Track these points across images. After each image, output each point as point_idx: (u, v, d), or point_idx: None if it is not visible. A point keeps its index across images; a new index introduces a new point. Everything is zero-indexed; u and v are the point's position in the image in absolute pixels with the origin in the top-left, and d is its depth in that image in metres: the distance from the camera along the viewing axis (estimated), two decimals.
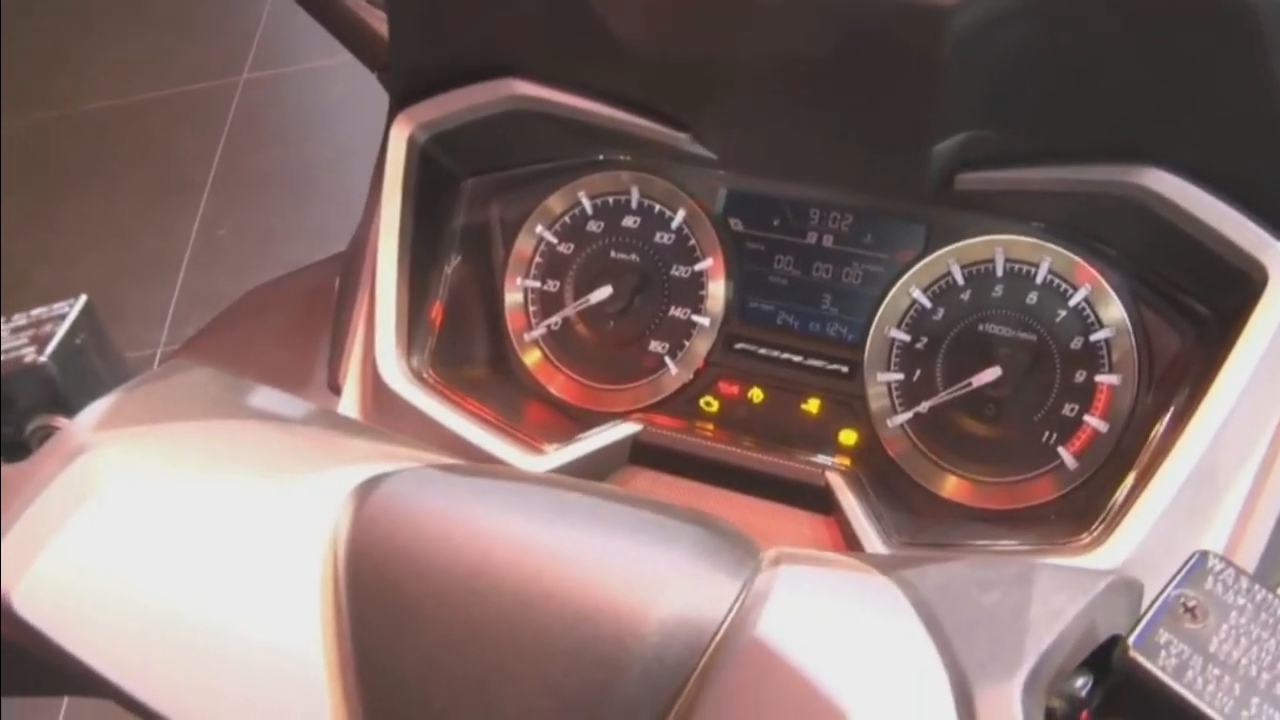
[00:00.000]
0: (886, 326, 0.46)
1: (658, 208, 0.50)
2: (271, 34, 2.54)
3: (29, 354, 0.35)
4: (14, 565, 0.29)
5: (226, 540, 0.30)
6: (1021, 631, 0.22)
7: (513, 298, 0.52)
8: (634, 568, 0.26)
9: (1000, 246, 0.45)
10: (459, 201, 0.52)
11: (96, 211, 2.04)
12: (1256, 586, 0.22)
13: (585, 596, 0.26)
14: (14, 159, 2.59)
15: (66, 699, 1.58)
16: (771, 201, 0.49)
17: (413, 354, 0.48)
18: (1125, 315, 0.43)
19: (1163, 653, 0.21)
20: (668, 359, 0.49)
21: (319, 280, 0.55)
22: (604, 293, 0.50)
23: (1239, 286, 0.39)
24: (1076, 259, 0.44)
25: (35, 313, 0.36)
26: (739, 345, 0.48)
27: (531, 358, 0.51)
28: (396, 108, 0.50)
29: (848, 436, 0.46)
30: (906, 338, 0.46)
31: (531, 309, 0.51)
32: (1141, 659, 0.21)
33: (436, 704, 0.27)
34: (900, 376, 0.46)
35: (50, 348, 0.35)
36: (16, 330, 0.36)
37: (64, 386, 0.35)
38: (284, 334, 0.54)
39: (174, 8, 2.84)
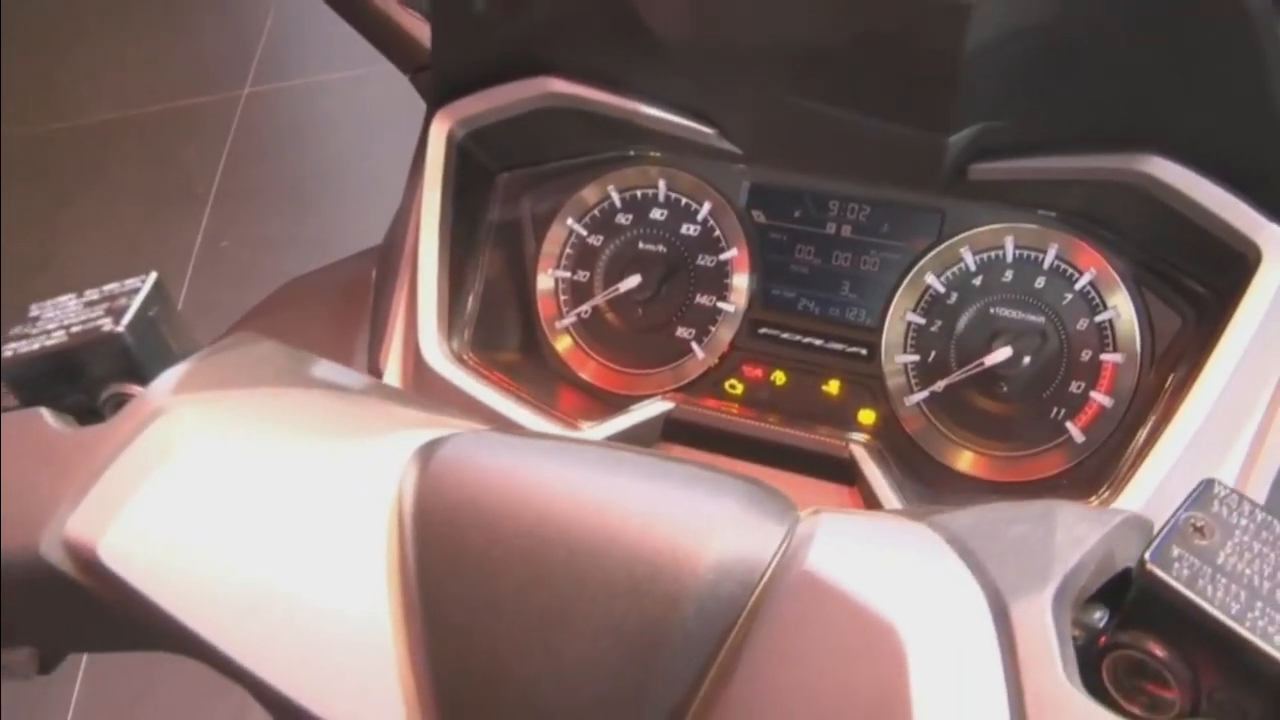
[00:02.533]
0: (903, 311, 0.49)
1: (684, 201, 0.53)
2: (271, 49, 2.57)
3: (106, 324, 0.37)
4: (99, 519, 0.31)
5: (298, 496, 0.32)
6: (1048, 556, 0.25)
7: (544, 287, 0.54)
8: (687, 514, 0.28)
9: (1010, 234, 0.48)
10: (493, 195, 0.54)
11: (100, 222, 2.06)
12: (1258, 509, 0.25)
13: (642, 540, 0.28)
14: (18, 170, 2.60)
15: (75, 699, 1.58)
16: (793, 194, 0.51)
17: (452, 338, 0.50)
18: (1128, 297, 0.46)
19: (1175, 565, 0.24)
20: (694, 344, 0.52)
21: (353, 273, 0.57)
22: (633, 282, 0.52)
23: (1235, 266, 0.41)
24: (1082, 244, 0.46)
25: (108, 288, 0.38)
26: (762, 330, 0.51)
27: (563, 344, 0.54)
28: (435, 106, 0.52)
29: (867, 415, 0.49)
30: (922, 321, 0.49)
31: (562, 298, 0.54)
32: (1158, 570, 0.24)
33: (502, 647, 0.29)
34: (916, 358, 0.48)
35: (126, 318, 0.37)
36: (90, 304, 0.38)
37: (138, 356, 0.37)
38: (323, 321, 0.56)
39: (176, 22, 2.86)
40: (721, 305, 0.52)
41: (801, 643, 0.26)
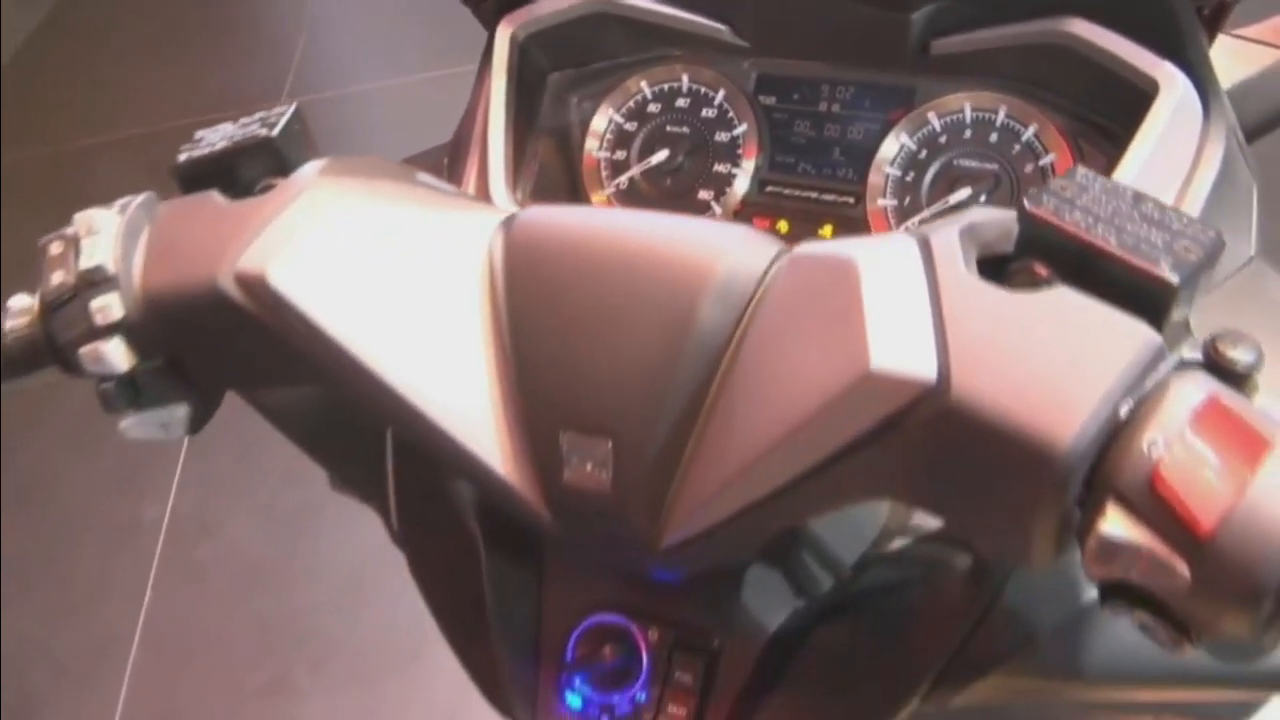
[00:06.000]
0: (882, 166, 0.60)
1: (703, 90, 0.64)
2: (305, 64, 2.71)
3: (262, 132, 0.48)
4: (265, 257, 0.40)
5: (418, 243, 0.42)
6: (966, 218, 0.36)
7: (588, 165, 0.66)
8: (708, 238, 0.39)
9: (968, 100, 0.59)
10: (546, 91, 0.66)
11: None
12: (1110, 180, 0.35)
13: (676, 257, 0.38)
14: (50, 184, 2.73)
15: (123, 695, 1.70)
16: (791, 80, 0.63)
17: (516, 193, 0.62)
18: (1065, 142, 0.57)
19: (1045, 202, 0.34)
20: (713, 203, 0.63)
21: (424, 161, 0.68)
22: (662, 155, 0.64)
23: (1141, 103, 0.52)
24: (1026, 104, 0.58)
25: (258, 114, 0.49)
26: (769, 189, 0.62)
27: None
28: (499, 15, 0.64)
29: None
30: (898, 173, 0.60)
31: (604, 172, 0.65)
32: (1030, 205, 0.34)
33: (569, 345, 0.38)
34: (894, 202, 0.60)
35: (279, 127, 0.48)
36: (244, 125, 0.48)
37: (286, 156, 0.47)
38: None
39: (211, 41, 3.00)
40: (735, 171, 0.63)
41: (793, 306, 0.36)
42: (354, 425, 0.54)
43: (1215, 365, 0.32)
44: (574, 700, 0.47)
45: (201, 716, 1.64)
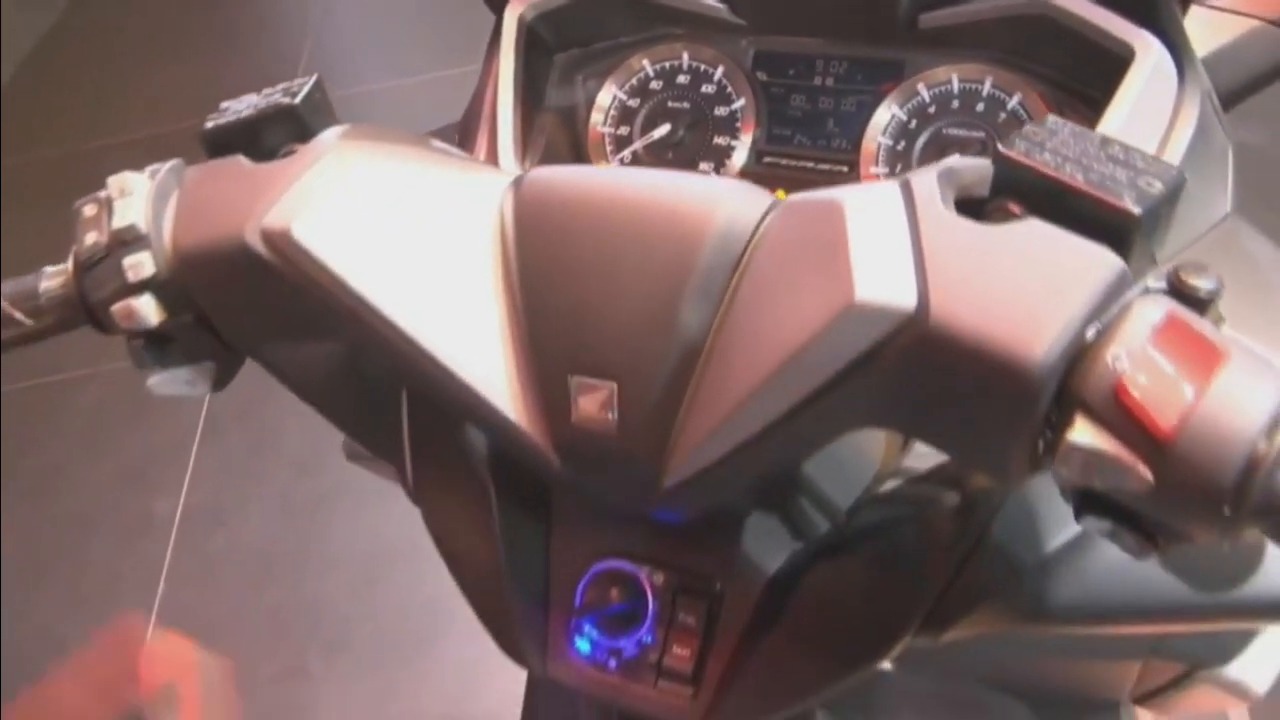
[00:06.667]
0: (875, 135, 0.63)
1: (703, 67, 0.67)
2: (312, 66, 2.74)
3: (286, 100, 0.50)
4: (290, 213, 0.43)
5: (433, 201, 0.44)
6: (945, 163, 0.38)
7: (593, 139, 0.69)
8: (707, 189, 0.41)
9: (955, 71, 0.62)
10: (553, 71, 0.69)
11: None
12: (1079, 127, 0.38)
13: (677, 206, 0.40)
14: (60, 186, 2.76)
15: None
16: (787, 56, 0.66)
17: (525, 164, 0.64)
18: (1047, 109, 0.59)
19: (1017, 145, 0.37)
20: (713, 174, 0.66)
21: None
22: (663, 130, 0.67)
23: (1120, 70, 0.55)
24: (1010, 74, 0.60)
25: (280, 85, 0.51)
26: (766, 159, 0.65)
27: None
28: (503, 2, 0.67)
29: None
30: (890, 142, 0.62)
31: (608, 147, 0.68)
32: (1004, 148, 0.37)
33: (580, 288, 0.41)
34: (887, 169, 0.62)
35: (301, 95, 0.50)
36: (267, 95, 0.50)
37: (308, 123, 0.49)
38: None
39: (219, 47, 3.03)
40: (734, 143, 0.66)
41: (785, 250, 0.39)
42: (369, 386, 0.56)
43: (1178, 292, 0.34)
44: (583, 645, 0.49)
45: None
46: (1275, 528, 0.31)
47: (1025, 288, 0.33)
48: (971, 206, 0.37)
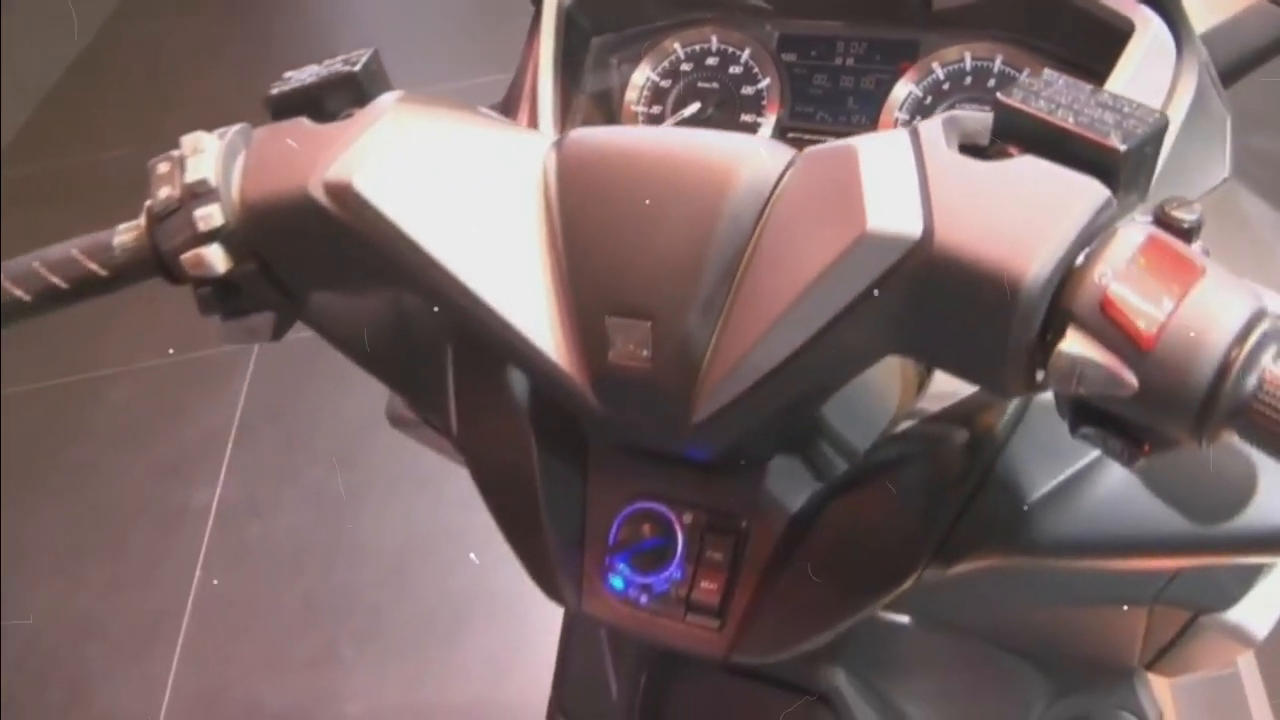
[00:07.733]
0: (892, 111, 0.67)
1: (731, 49, 0.71)
2: None
3: (346, 69, 0.53)
4: (352, 167, 0.46)
5: (486, 156, 0.48)
6: (950, 113, 0.42)
7: (627, 118, 0.73)
8: (736, 145, 0.45)
9: (967, 50, 0.65)
10: (590, 54, 0.73)
11: None
12: (1071, 79, 0.42)
13: (708, 159, 0.44)
14: (109, 189, 2.83)
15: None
16: (810, 38, 0.70)
17: None
18: None
19: (1015, 93, 0.40)
20: None
21: None
22: (693, 108, 0.71)
23: (1120, 43, 0.59)
24: (1018, 51, 0.64)
25: (340, 56, 0.54)
26: (790, 135, 0.69)
27: None
28: None
29: None
30: (906, 117, 0.66)
31: (641, 125, 0.72)
32: (1003, 96, 0.40)
33: (617, 236, 0.44)
34: None
35: (360, 64, 0.52)
36: (329, 64, 0.54)
37: (368, 90, 0.53)
38: None
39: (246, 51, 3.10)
40: (760, 121, 0.70)
41: (805, 195, 0.42)
42: (416, 342, 0.60)
43: (1163, 223, 0.38)
44: (616, 581, 0.53)
45: (250, 686, 1.72)
46: (1246, 429, 0.35)
47: (1021, 215, 0.37)
48: (975, 151, 0.41)
